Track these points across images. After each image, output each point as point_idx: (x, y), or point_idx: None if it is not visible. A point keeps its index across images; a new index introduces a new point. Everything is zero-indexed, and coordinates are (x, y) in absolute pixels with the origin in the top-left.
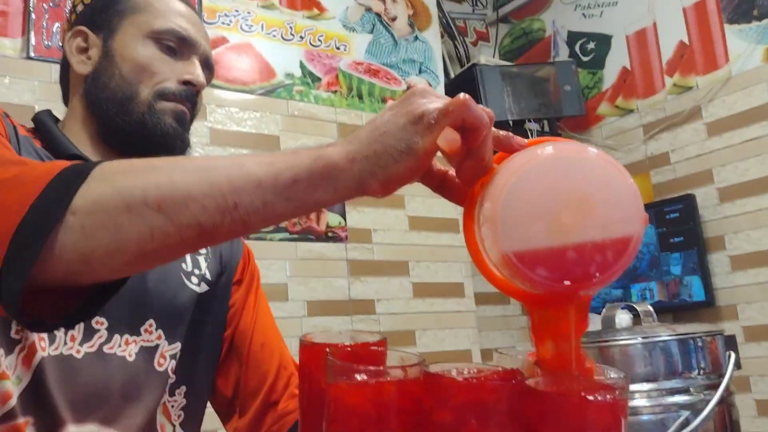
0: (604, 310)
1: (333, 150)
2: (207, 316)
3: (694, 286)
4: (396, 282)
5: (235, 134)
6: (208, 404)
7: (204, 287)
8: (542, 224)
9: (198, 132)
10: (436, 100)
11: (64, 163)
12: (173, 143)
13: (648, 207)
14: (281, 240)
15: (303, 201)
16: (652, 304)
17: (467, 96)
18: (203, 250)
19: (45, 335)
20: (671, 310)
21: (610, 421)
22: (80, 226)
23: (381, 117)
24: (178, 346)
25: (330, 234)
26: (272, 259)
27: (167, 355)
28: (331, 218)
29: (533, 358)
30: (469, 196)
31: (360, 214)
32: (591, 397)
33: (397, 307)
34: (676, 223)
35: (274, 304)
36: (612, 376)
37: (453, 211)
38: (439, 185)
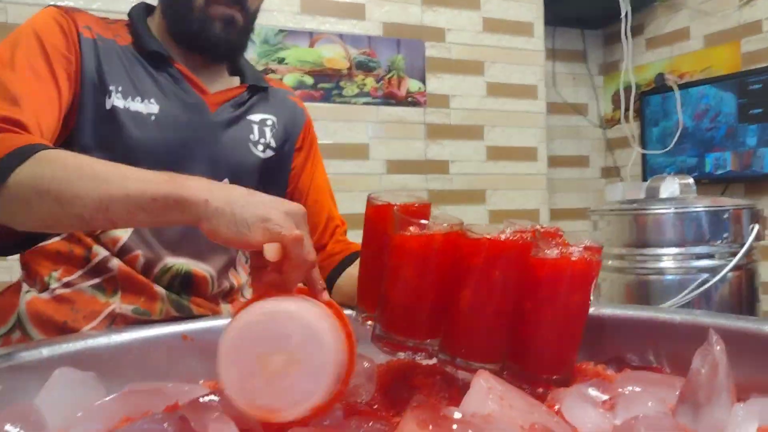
0: (648, 180)
1: (196, 187)
2: (272, 176)
3: (767, 158)
4: (471, 145)
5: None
6: None
7: (269, 153)
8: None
9: (289, 1)
10: (289, 224)
11: (21, 142)
12: (219, 48)
13: (732, 77)
14: (364, 104)
15: (157, 217)
16: (724, 174)
17: (302, 236)
18: (269, 122)
19: None
20: (743, 181)
21: (579, 279)
22: (7, 197)
23: (261, 194)
24: None
25: (410, 99)
26: (356, 121)
27: None
28: (411, 84)
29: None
30: (242, 305)
31: (439, 81)
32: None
33: (470, 169)
34: (758, 94)
35: (356, 162)
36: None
37: (532, 78)
38: (258, 267)
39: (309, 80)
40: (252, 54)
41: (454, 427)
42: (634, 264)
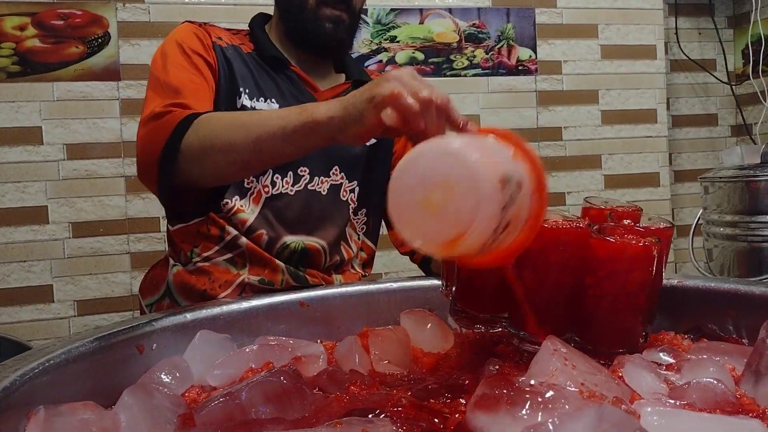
0: (764, 145)
1: (320, 110)
2: (375, 162)
3: None
4: (584, 110)
5: None
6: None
7: (372, 141)
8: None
9: None
10: (387, 86)
11: (185, 114)
12: (330, 44)
13: None
14: (474, 75)
15: (300, 145)
16: None
17: (399, 91)
18: None
19: (268, 183)
20: None
21: (636, 261)
22: (184, 160)
23: (360, 89)
24: (355, 183)
25: (520, 67)
26: (465, 93)
27: (347, 189)
28: (522, 52)
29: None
30: None
31: (551, 47)
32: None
33: (585, 134)
34: None
35: None
36: (659, 225)
37: (650, 37)
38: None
39: (420, 56)
40: (366, 34)
41: (516, 396)
42: (745, 231)
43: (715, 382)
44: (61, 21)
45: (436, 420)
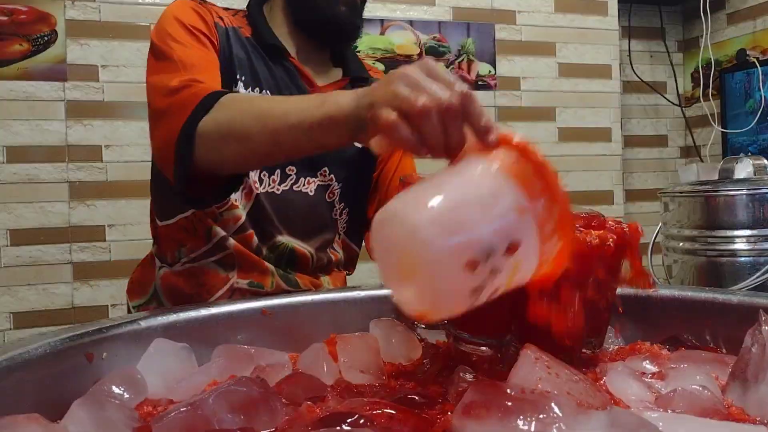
0: (722, 162)
1: (340, 101)
2: (363, 164)
3: None
4: (542, 127)
5: None
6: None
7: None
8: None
9: None
10: (381, 105)
11: (204, 91)
12: (345, 28)
13: None
14: None
15: (319, 142)
16: None
17: (392, 121)
18: None
19: (256, 179)
20: None
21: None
22: (202, 144)
23: (366, 90)
24: (341, 184)
25: (480, 82)
26: None
27: (335, 191)
28: (481, 67)
29: None
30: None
31: (510, 63)
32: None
33: (542, 151)
34: None
35: None
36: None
37: (606, 57)
38: None
39: (380, 67)
40: None
41: (509, 404)
42: (705, 246)
43: (702, 389)
44: (4, 17)
45: (420, 426)
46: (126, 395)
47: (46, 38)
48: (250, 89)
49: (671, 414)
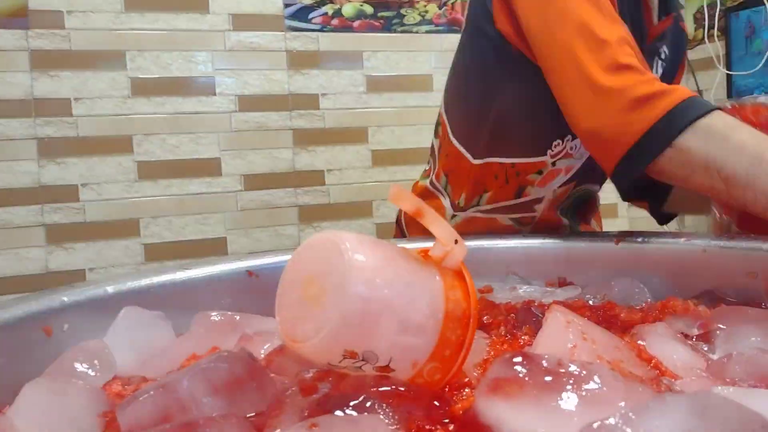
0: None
1: None
2: None
3: None
4: None
5: None
6: None
7: None
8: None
9: None
10: None
11: (681, 95)
12: None
13: None
14: (427, 32)
15: None
16: None
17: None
18: None
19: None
20: None
21: None
22: (669, 158)
23: None
24: None
25: None
26: (417, 51)
27: None
28: None
29: None
30: None
31: None
32: None
33: None
34: None
35: (421, 94)
36: None
37: None
38: None
39: (369, 9)
40: None
41: (548, 379)
42: None
43: (762, 353)
44: None
45: (437, 403)
46: (91, 373)
47: None
48: None
49: (746, 389)
